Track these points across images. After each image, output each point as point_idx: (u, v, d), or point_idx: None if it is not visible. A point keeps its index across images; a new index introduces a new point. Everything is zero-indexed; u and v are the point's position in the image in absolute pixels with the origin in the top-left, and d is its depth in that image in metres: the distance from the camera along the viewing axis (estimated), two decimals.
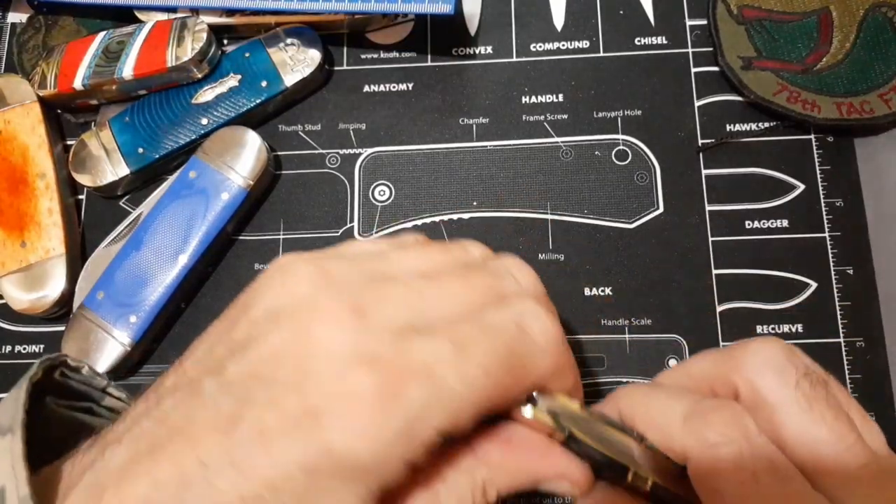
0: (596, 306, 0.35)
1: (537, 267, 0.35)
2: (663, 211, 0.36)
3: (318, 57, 0.37)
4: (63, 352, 0.33)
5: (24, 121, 0.37)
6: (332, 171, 0.37)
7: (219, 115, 0.36)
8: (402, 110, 0.38)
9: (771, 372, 0.21)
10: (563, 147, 0.37)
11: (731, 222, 0.35)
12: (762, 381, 0.21)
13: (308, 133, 0.38)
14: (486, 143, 0.37)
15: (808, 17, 0.37)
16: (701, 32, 0.38)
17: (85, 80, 0.36)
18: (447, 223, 0.36)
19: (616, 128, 0.37)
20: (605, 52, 0.38)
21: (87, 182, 0.36)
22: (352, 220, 0.37)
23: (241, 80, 0.37)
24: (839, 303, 0.34)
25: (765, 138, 0.36)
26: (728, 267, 0.35)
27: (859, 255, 0.35)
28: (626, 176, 0.36)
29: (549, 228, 0.36)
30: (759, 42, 0.37)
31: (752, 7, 0.38)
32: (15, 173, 0.36)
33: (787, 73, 0.36)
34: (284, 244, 0.36)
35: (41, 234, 0.36)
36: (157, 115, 0.37)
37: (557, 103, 0.38)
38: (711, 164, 0.36)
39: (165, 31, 0.36)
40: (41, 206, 0.36)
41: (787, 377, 0.21)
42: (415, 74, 0.39)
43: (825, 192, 0.36)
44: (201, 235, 0.34)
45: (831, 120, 0.35)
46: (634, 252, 0.35)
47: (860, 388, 0.33)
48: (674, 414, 0.21)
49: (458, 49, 0.39)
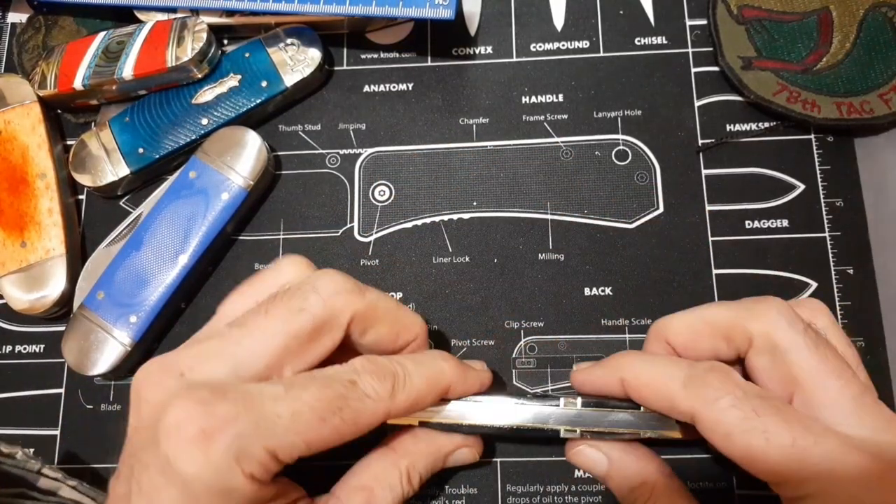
0: (596, 306, 0.35)
1: (537, 267, 0.35)
2: (663, 211, 0.36)
3: (318, 57, 0.37)
4: (63, 351, 0.33)
5: (24, 121, 0.37)
6: (332, 171, 0.37)
7: (219, 115, 0.36)
8: (402, 110, 0.38)
9: (784, 321, 0.25)
10: (563, 147, 0.37)
11: (731, 222, 0.35)
12: (777, 329, 0.25)
13: (308, 133, 0.38)
14: (486, 143, 0.37)
15: (808, 17, 0.37)
16: (701, 32, 0.38)
17: (85, 80, 0.36)
18: (447, 223, 0.36)
19: (616, 128, 0.37)
20: (605, 52, 0.38)
21: (87, 182, 0.36)
22: (352, 221, 0.37)
23: (241, 80, 0.37)
24: (839, 303, 0.34)
25: (765, 138, 0.36)
26: (728, 267, 0.35)
27: (859, 255, 0.35)
28: (626, 176, 0.36)
29: (549, 228, 0.36)
30: (759, 42, 0.37)
31: (752, 7, 0.38)
32: (15, 173, 0.36)
33: (787, 73, 0.36)
34: (284, 244, 0.36)
35: (41, 235, 0.36)
36: (158, 116, 0.37)
37: (557, 103, 0.38)
38: (711, 164, 0.36)
39: (165, 31, 0.36)
40: (41, 206, 0.36)
41: (797, 326, 0.25)
42: (415, 74, 0.39)
43: (825, 192, 0.36)
44: (201, 235, 0.34)
45: (831, 120, 0.35)
46: (634, 252, 0.35)
47: None
48: (674, 381, 0.25)
49: (458, 49, 0.39)
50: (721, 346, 0.27)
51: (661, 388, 0.26)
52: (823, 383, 0.24)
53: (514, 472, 0.33)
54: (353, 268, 0.36)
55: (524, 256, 0.36)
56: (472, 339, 0.35)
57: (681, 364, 0.26)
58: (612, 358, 0.29)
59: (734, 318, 0.27)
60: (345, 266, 0.36)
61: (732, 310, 0.27)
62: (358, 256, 0.36)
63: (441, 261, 0.36)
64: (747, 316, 0.26)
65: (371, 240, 0.36)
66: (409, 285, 0.35)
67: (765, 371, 0.26)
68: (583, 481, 0.33)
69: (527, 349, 0.34)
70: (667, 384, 0.26)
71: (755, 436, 0.23)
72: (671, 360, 0.27)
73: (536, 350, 0.34)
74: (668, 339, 0.28)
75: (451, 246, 0.36)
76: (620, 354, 0.28)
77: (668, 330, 0.28)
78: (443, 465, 0.29)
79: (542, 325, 0.34)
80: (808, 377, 0.25)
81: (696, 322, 0.28)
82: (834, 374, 0.25)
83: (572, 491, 0.32)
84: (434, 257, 0.36)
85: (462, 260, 0.36)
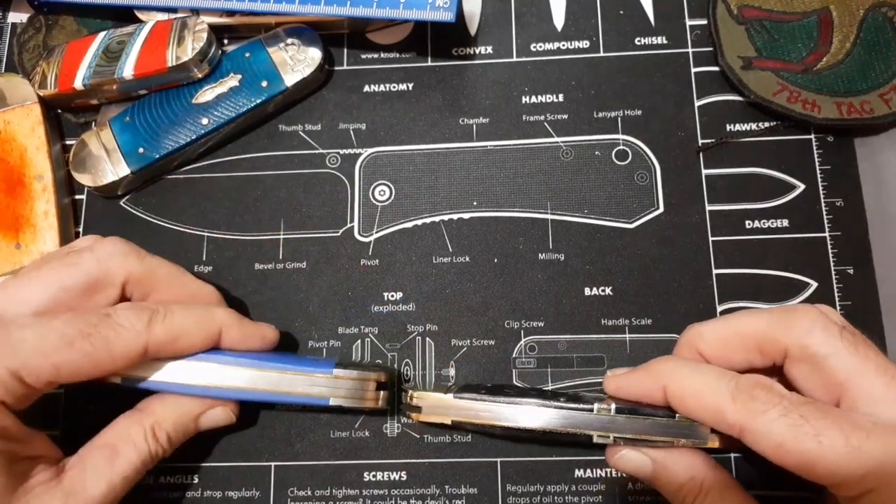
0: (596, 306, 0.35)
1: (537, 267, 0.35)
2: (663, 211, 0.36)
3: (319, 57, 0.37)
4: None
5: (23, 122, 0.37)
6: (333, 171, 0.37)
7: (219, 114, 0.36)
8: (402, 110, 0.38)
9: (819, 329, 0.26)
10: (563, 147, 0.37)
11: (731, 222, 0.35)
12: (813, 339, 0.25)
13: (308, 133, 0.38)
14: (486, 143, 0.37)
15: (808, 17, 0.37)
16: (701, 32, 0.38)
17: (85, 80, 0.36)
18: (447, 223, 0.36)
19: (616, 128, 0.37)
20: (605, 52, 0.38)
21: (87, 182, 0.36)
22: (352, 220, 0.37)
23: (241, 80, 0.37)
24: (839, 303, 0.34)
25: (765, 138, 0.36)
26: (728, 267, 0.35)
27: (859, 255, 0.35)
28: (626, 176, 0.36)
29: (549, 228, 0.36)
30: (759, 42, 0.37)
31: (752, 7, 0.38)
32: (12, 174, 0.36)
33: (787, 73, 0.36)
34: (284, 244, 0.36)
35: (36, 237, 0.36)
36: (158, 115, 0.37)
37: (557, 103, 0.38)
38: (711, 164, 0.36)
39: (166, 31, 0.36)
40: (37, 208, 0.36)
41: (832, 331, 0.25)
42: (415, 74, 0.39)
43: (825, 192, 0.36)
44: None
45: (831, 120, 0.35)
46: (634, 252, 0.35)
47: None
48: (721, 393, 0.25)
49: (458, 49, 0.39)
50: (755, 357, 0.27)
51: (708, 400, 0.26)
52: (870, 382, 0.24)
53: (514, 472, 0.33)
54: (353, 268, 0.36)
55: (524, 256, 0.36)
56: (472, 339, 0.35)
57: (727, 376, 0.26)
58: (652, 364, 0.28)
59: (767, 331, 0.27)
60: (345, 266, 0.36)
61: (764, 321, 0.27)
62: (358, 256, 0.36)
63: (441, 261, 0.36)
64: (780, 328, 0.26)
65: (371, 240, 0.36)
66: (409, 285, 0.35)
67: (807, 380, 0.26)
68: (583, 481, 0.33)
69: (527, 349, 0.34)
70: (714, 396, 0.26)
71: (808, 441, 0.23)
72: (717, 370, 0.27)
73: (536, 350, 0.34)
74: (701, 349, 0.28)
75: (451, 246, 0.36)
76: (661, 361, 0.28)
77: (701, 340, 0.28)
78: (197, 427, 0.30)
79: (542, 325, 0.34)
80: (852, 378, 0.25)
81: (728, 334, 0.28)
82: (879, 371, 0.25)
83: (572, 491, 0.32)
84: (434, 257, 0.36)
85: (462, 260, 0.36)
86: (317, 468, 0.33)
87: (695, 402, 0.26)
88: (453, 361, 0.34)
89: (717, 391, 0.26)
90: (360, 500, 0.33)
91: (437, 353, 0.34)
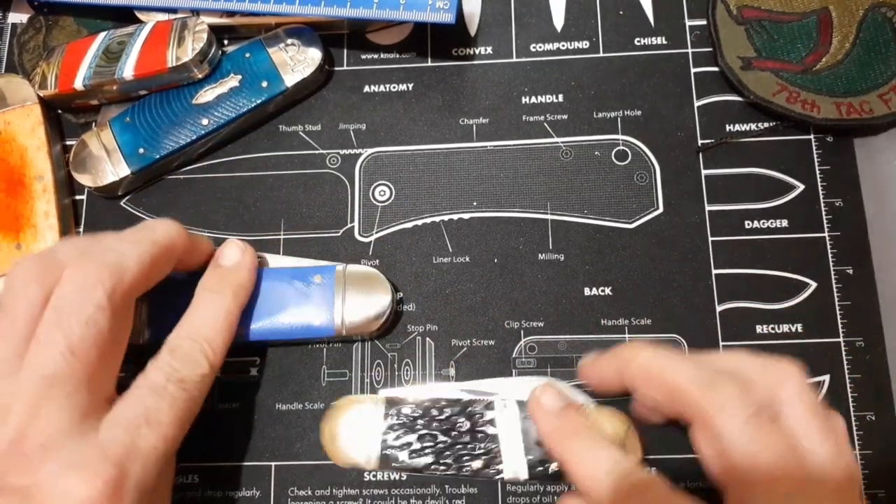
0: (596, 306, 0.35)
1: (537, 267, 0.35)
2: (663, 211, 0.36)
3: (319, 57, 0.37)
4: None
5: (24, 122, 0.37)
6: (333, 172, 0.37)
7: (219, 115, 0.36)
8: (402, 110, 0.38)
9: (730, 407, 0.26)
10: (563, 147, 0.37)
11: (731, 222, 0.35)
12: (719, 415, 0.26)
13: (308, 133, 0.38)
14: (486, 144, 0.37)
15: (808, 17, 0.37)
16: (701, 32, 0.38)
17: (85, 81, 0.36)
18: (447, 223, 0.36)
19: (616, 128, 0.37)
20: (605, 53, 0.38)
21: (87, 182, 0.36)
22: (352, 221, 0.37)
23: (241, 81, 0.37)
24: (839, 303, 0.34)
25: (765, 138, 0.37)
26: (728, 267, 0.35)
27: (859, 255, 0.35)
28: (626, 176, 0.36)
29: (549, 228, 0.36)
30: (759, 42, 0.37)
31: (751, 7, 0.38)
32: (13, 175, 0.36)
33: (786, 74, 0.36)
34: (284, 244, 0.36)
35: (37, 237, 0.36)
36: (158, 116, 0.37)
37: (557, 103, 0.38)
38: (711, 164, 0.36)
39: (166, 31, 0.36)
40: (38, 208, 0.36)
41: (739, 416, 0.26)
42: (415, 74, 0.39)
43: (825, 192, 0.36)
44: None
45: (831, 120, 0.35)
46: (634, 252, 0.35)
47: (860, 388, 0.33)
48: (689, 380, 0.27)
49: (458, 49, 0.39)
50: (667, 406, 0.28)
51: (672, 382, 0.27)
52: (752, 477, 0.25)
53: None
54: None
55: (524, 256, 0.36)
56: (472, 339, 0.35)
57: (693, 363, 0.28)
58: (619, 348, 0.30)
59: (689, 392, 0.27)
60: None
61: (693, 383, 0.27)
62: (358, 256, 0.36)
63: (441, 261, 0.36)
64: (700, 397, 0.26)
65: (371, 240, 0.36)
66: (409, 285, 0.35)
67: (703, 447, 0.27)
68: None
69: (527, 349, 0.34)
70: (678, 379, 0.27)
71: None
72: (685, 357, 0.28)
73: (536, 350, 0.34)
74: (625, 370, 0.29)
75: (451, 246, 0.36)
76: (628, 344, 0.30)
77: (631, 364, 0.29)
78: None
79: (542, 325, 0.35)
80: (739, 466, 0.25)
81: (656, 375, 0.28)
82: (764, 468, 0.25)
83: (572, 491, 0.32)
84: (434, 257, 0.36)
85: (462, 260, 0.36)
86: (317, 468, 0.33)
87: (659, 381, 0.28)
88: (453, 361, 0.34)
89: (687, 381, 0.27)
90: (360, 500, 0.33)
91: (437, 353, 0.34)
